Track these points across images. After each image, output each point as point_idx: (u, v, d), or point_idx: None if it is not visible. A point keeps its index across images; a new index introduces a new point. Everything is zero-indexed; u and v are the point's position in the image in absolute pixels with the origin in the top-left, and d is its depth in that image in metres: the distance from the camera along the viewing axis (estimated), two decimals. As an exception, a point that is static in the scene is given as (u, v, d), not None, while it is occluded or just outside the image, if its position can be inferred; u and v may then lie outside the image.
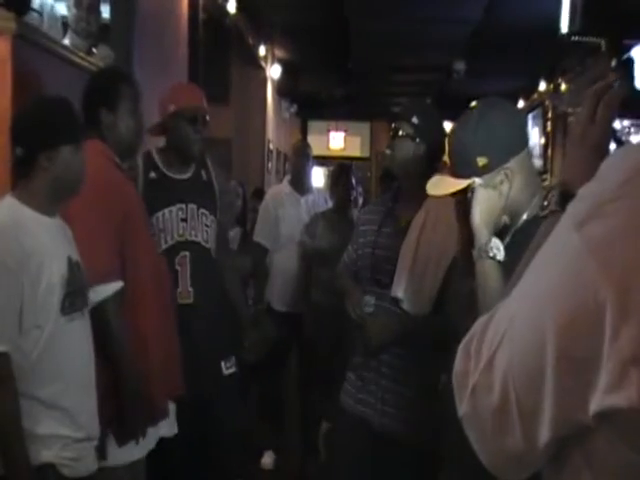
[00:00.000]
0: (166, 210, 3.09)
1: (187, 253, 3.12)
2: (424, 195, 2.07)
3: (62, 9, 3.98)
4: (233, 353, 3.28)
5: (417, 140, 2.65)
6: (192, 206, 3.14)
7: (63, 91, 2.51)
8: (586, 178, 0.83)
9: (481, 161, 1.77)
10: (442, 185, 1.88)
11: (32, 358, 2.08)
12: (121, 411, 2.47)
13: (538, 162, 11.19)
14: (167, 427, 2.74)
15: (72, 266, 2.20)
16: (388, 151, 2.77)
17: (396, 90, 13.42)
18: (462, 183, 1.80)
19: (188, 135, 3.13)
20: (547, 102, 10.69)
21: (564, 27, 5.75)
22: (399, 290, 2.61)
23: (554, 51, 7.94)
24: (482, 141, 1.78)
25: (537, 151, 11.43)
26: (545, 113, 10.87)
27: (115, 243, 2.53)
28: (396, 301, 2.63)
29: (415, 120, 2.66)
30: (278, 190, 5.12)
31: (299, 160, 4.98)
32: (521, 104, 12.40)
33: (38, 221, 2.17)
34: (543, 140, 10.94)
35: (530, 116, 11.91)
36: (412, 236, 2.64)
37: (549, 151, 10.65)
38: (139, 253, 2.61)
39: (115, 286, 2.49)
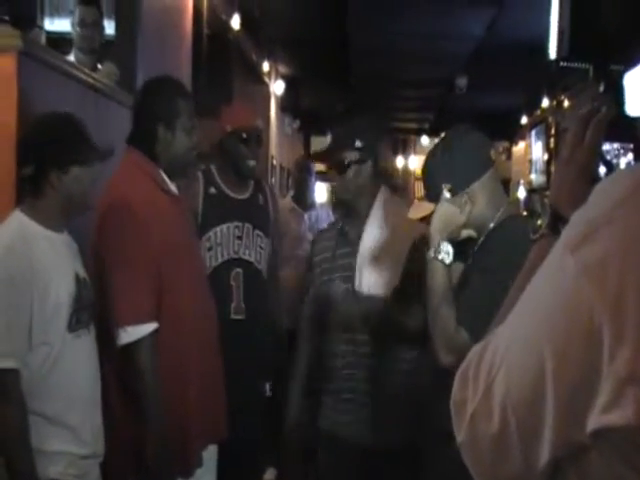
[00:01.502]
0: (224, 226, 3.15)
1: (240, 270, 3.16)
2: (369, 209, 2.62)
3: (66, 26, 4.01)
4: (272, 377, 3.31)
5: (366, 161, 2.64)
6: (248, 225, 3.20)
7: (68, 108, 2.50)
8: (573, 199, 0.84)
9: (446, 187, 2.05)
10: (420, 209, 2.28)
11: (40, 374, 2.08)
12: (145, 460, 2.32)
13: (541, 178, 11.21)
14: (207, 477, 2.62)
15: (79, 283, 2.20)
16: (339, 184, 2.69)
17: (398, 105, 13.46)
18: (434, 207, 2.10)
19: (241, 154, 3.19)
20: (550, 119, 10.71)
21: (552, 53, 5.81)
22: (364, 283, 2.61)
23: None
24: (446, 170, 2.07)
25: (540, 167, 11.45)
26: (548, 129, 10.88)
27: (153, 280, 2.38)
28: None
29: (359, 144, 2.63)
30: (281, 206, 5.11)
31: (302, 176, 5.00)
32: (524, 120, 12.43)
33: (46, 237, 2.16)
34: (546, 156, 10.95)
35: (533, 132, 11.94)
36: (366, 240, 2.65)
37: (552, 167, 10.64)
38: (180, 285, 2.45)
39: (148, 327, 2.34)
